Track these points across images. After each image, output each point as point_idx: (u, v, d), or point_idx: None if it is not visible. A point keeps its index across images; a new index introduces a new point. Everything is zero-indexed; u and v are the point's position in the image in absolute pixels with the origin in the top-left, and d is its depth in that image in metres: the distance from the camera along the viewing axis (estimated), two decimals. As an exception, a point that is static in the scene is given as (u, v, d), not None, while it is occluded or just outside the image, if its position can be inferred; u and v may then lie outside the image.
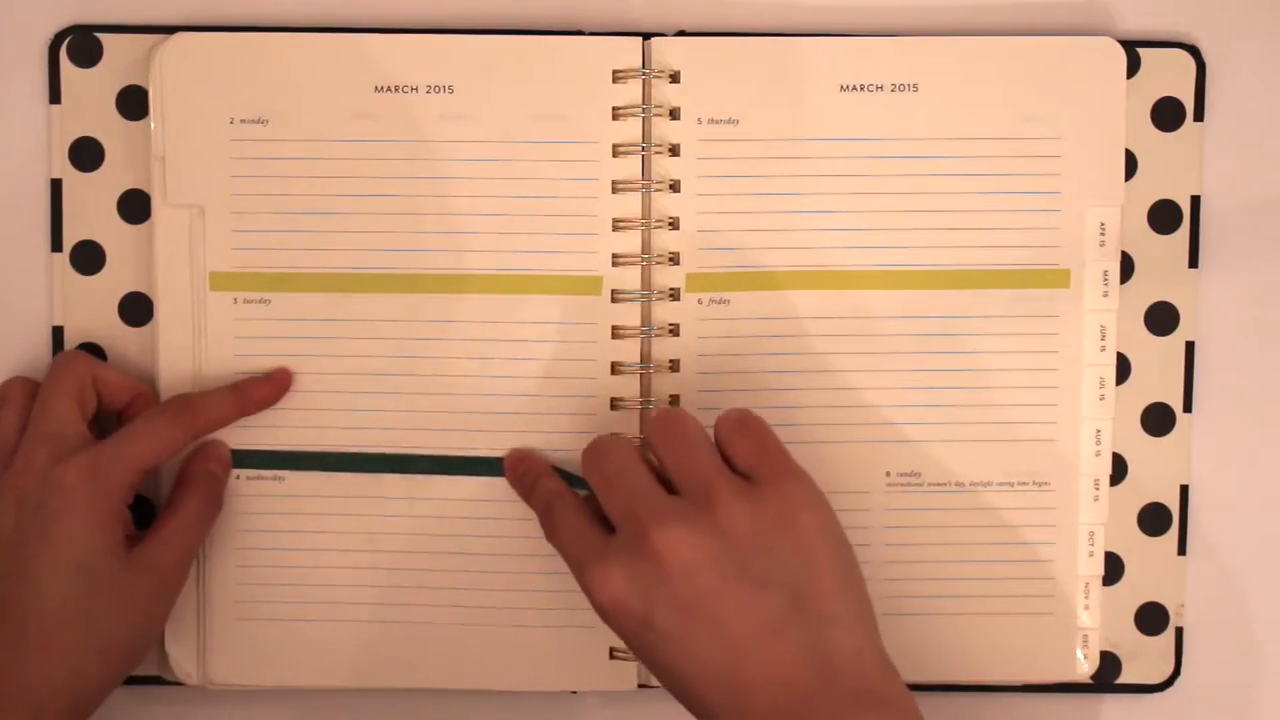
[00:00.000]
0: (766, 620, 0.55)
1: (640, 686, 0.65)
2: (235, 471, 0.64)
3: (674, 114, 0.64)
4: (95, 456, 0.60)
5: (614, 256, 0.64)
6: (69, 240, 0.65)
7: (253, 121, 0.63)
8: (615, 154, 0.63)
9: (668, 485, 0.58)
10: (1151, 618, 0.66)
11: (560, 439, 0.64)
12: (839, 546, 0.57)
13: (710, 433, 0.59)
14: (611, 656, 0.65)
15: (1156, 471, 0.66)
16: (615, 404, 0.64)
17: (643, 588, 0.55)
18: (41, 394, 0.62)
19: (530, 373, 0.64)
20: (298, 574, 0.65)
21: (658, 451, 0.59)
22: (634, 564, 0.56)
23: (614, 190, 0.63)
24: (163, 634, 0.64)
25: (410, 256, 0.64)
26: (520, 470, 0.64)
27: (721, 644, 0.55)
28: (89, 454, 0.60)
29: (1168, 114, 0.65)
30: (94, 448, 0.60)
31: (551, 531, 0.60)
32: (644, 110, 0.63)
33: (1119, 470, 0.65)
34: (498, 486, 0.64)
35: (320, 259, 0.64)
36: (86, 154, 0.64)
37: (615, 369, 0.64)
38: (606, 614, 0.57)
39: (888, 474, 0.65)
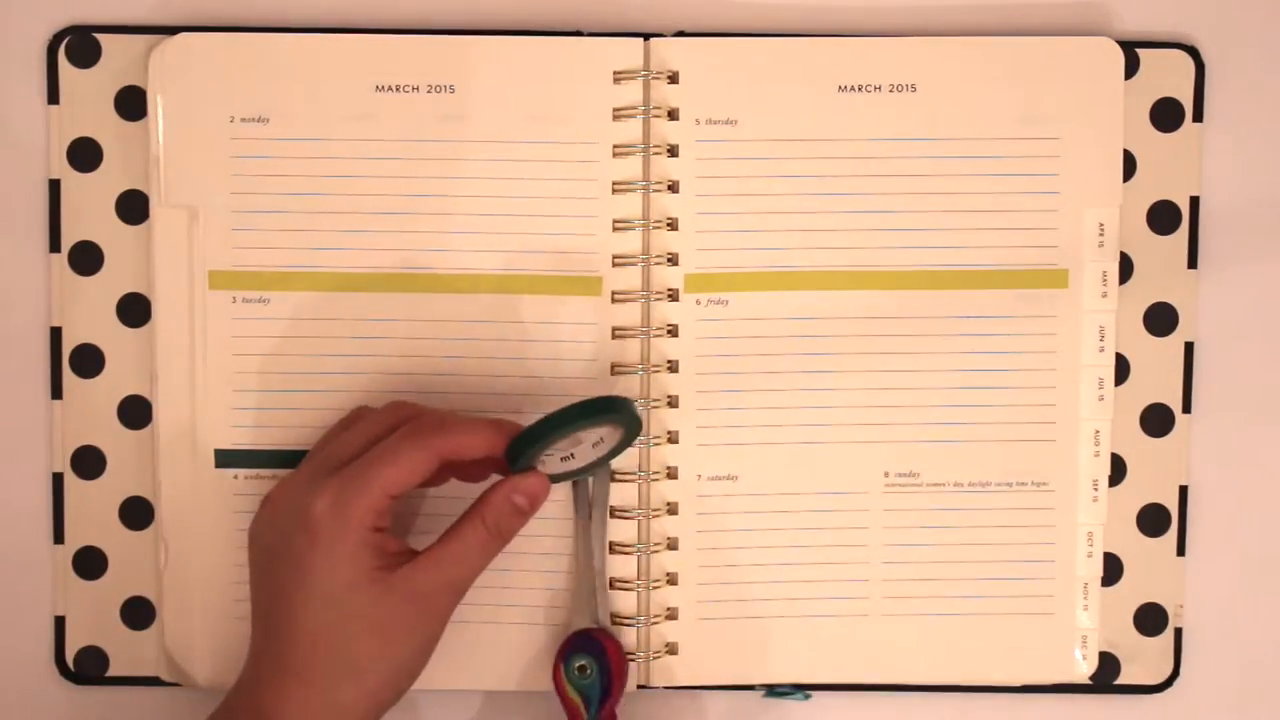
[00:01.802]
0: None
1: (640, 687, 0.65)
2: (233, 471, 0.64)
3: (673, 114, 0.64)
4: (340, 485, 0.57)
5: (614, 257, 0.64)
6: (67, 241, 0.65)
7: (253, 120, 0.63)
8: (616, 154, 0.63)
9: None
10: (1150, 618, 0.66)
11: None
12: None
13: None
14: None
15: (1155, 472, 0.66)
16: (616, 404, 0.64)
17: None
18: (375, 455, 0.59)
19: (530, 372, 0.64)
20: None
21: None
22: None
23: (614, 191, 0.63)
24: (163, 634, 0.65)
25: (410, 256, 0.64)
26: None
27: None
28: (334, 481, 0.57)
29: (1167, 115, 0.65)
30: (339, 474, 0.57)
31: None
32: (644, 111, 0.63)
33: (1118, 471, 0.66)
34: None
35: (319, 258, 0.64)
36: (85, 154, 0.64)
37: (615, 369, 0.64)
38: None
39: (886, 474, 0.65)
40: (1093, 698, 0.66)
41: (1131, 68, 0.64)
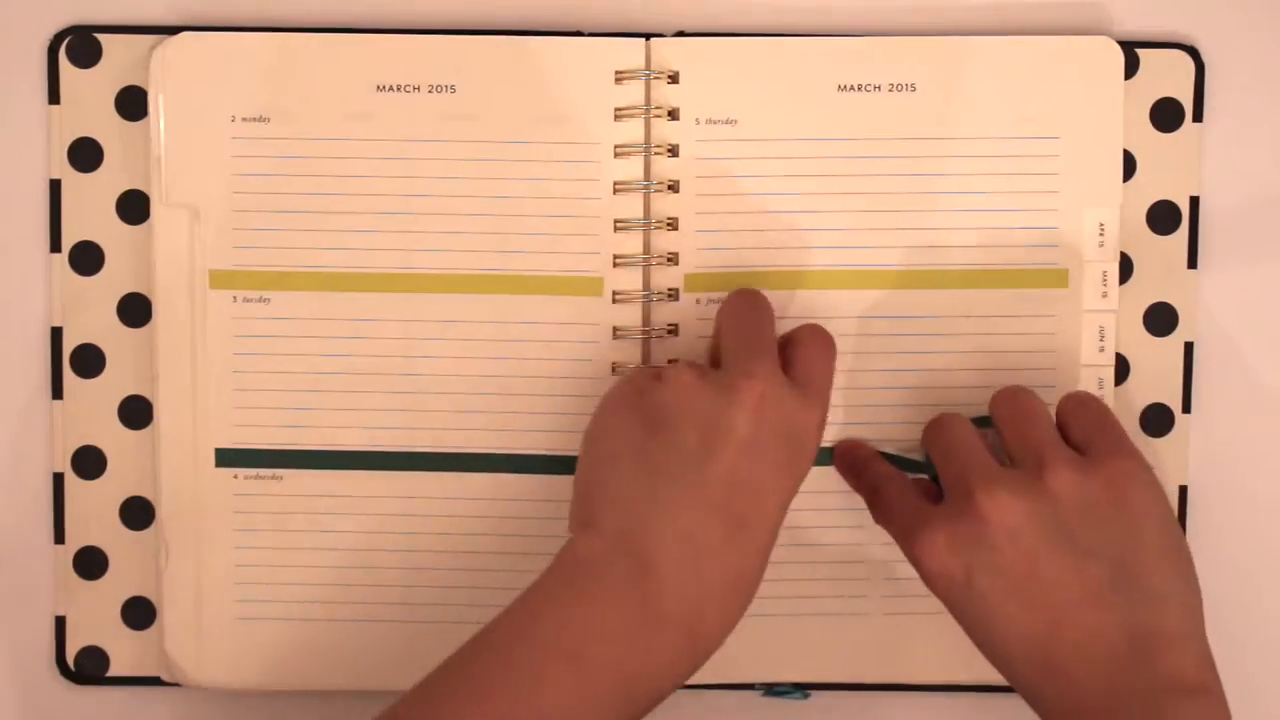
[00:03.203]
0: (1086, 590, 0.56)
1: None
2: (233, 471, 0.64)
3: (673, 114, 0.64)
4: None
5: (615, 257, 0.64)
6: (68, 241, 0.65)
7: (254, 120, 0.63)
8: (617, 155, 0.63)
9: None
10: (1150, 618, 0.66)
11: (561, 439, 0.64)
12: (1169, 529, 0.57)
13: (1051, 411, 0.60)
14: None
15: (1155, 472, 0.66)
16: (616, 404, 0.64)
17: (965, 549, 0.56)
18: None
19: (531, 372, 0.64)
20: (297, 573, 0.65)
21: (1000, 426, 0.60)
22: (958, 526, 0.57)
23: (615, 191, 0.63)
24: (162, 634, 0.65)
25: (411, 256, 0.64)
26: (850, 458, 0.64)
27: (1038, 609, 0.56)
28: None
29: (1166, 114, 0.65)
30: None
31: (879, 509, 0.62)
32: (645, 111, 0.63)
33: (1118, 470, 0.66)
34: (498, 484, 0.64)
35: (320, 258, 0.64)
36: (85, 154, 0.64)
37: (616, 369, 0.64)
38: (930, 577, 0.58)
39: (887, 474, 0.65)
40: (1093, 697, 0.66)
41: (1131, 68, 0.64)
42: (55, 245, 0.65)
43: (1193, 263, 0.66)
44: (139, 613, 0.65)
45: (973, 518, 0.56)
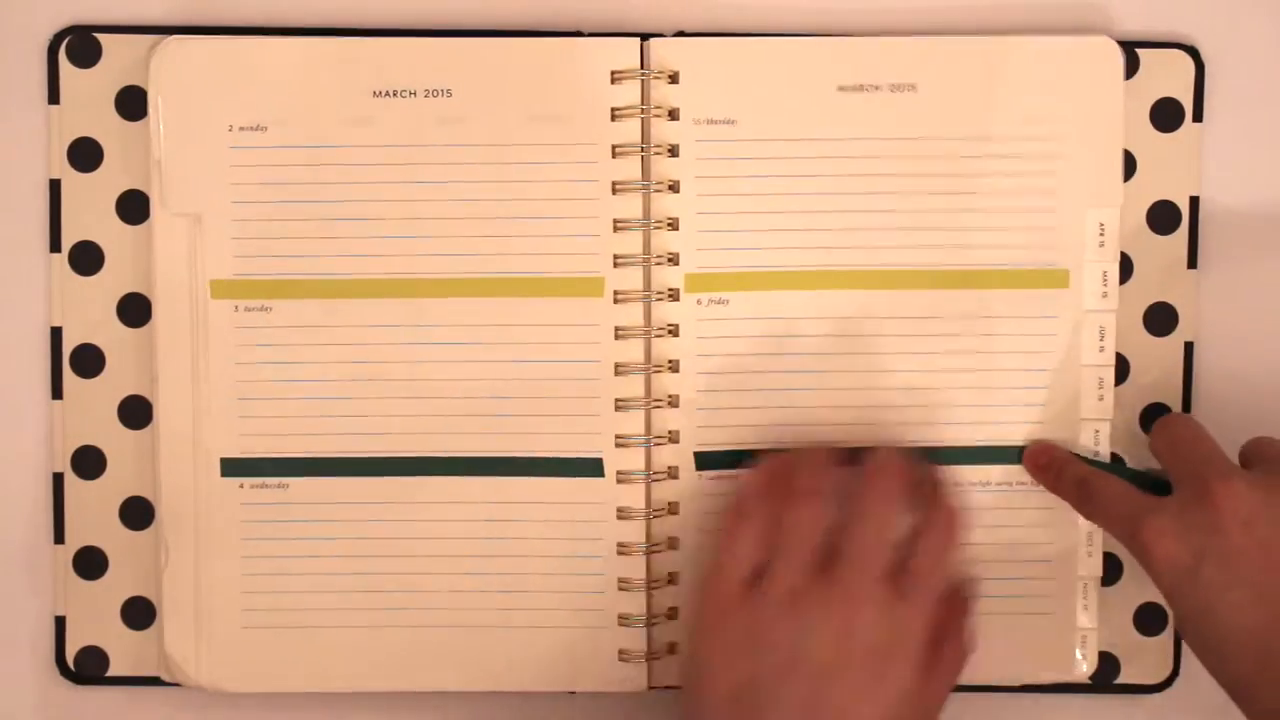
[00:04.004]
0: None
1: (650, 688, 0.65)
2: (239, 480, 0.64)
3: (673, 115, 0.64)
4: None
5: (615, 257, 0.64)
6: (67, 241, 0.65)
7: (251, 129, 0.63)
8: (615, 155, 0.63)
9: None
10: (1150, 618, 0.66)
11: (566, 440, 0.64)
12: None
13: None
14: (620, 658, 0.65)
15: (1155, 472, 0.66)
16: (620, 405, 0.64)
17: (1197, 536, 0.57)
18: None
19: (533, 375, 0.64)
20: (302, 580, 0.65)
21: (1168, 450, 0.62)
22: (1190, 514, 0.58)
23: (614, 191, 0.63)
24: (162, 634, 0.65)
25: (411, 261, 0.64)
26: (1045, 460, 0.64)
27: (1265, 598, 0.56)
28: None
29: (1166, 115, 0.65)
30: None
31: (1092, 505, 0.62)
32: (643, 111, 0.63)
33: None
34: (503, 488, 0.64)
35: (321, 265, 0.64)
36: (85, 154, 0.64)
37: (619, 370, 0.64)
38: (1156, 562, 0.58)
39: (887, 474, 0.65)
40: (1092, 698, 0.67)
41: (1131, 68, 0.64)
42: (55, 245, 0.65)
43: (1193, 263, 0.66)
44: (139, 613, 0.65)
45: (1207, 505, 0.57)
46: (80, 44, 0.64)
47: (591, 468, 0.64)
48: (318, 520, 0.64)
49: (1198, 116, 0.65)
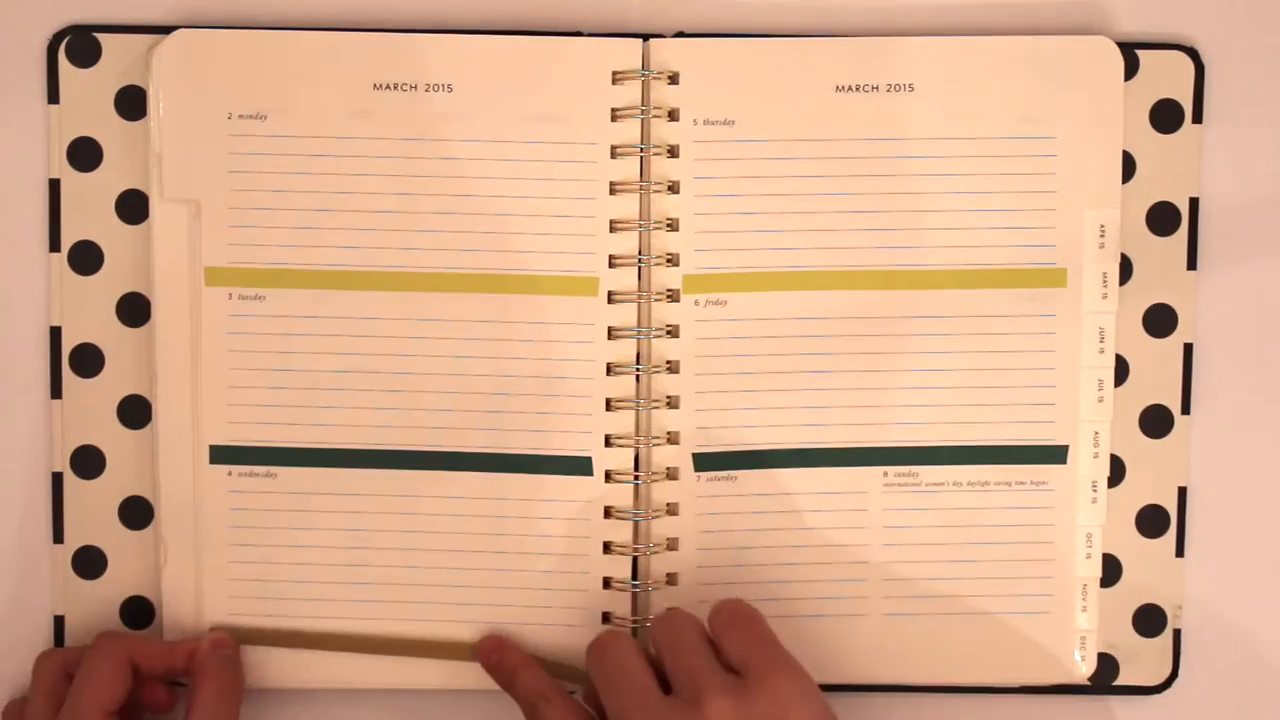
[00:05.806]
0: None
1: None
2: (227, 468, 0.64)
3: (673, 115, 0.64)
4: None
5: (610, 258, 0.64)
6: (67, 240, 0.65)
7: (251, 117, 0.63)
8: (614, 155, 0.63)
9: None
10: (1149, 619, 0.66)
11: (555, 438, 0.64)
12: None
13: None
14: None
15: (1154, 473, 0.66)
16: (611, 405, 0.64)
17: None
18: (75, 683, 0.62)
19: (525, 372, 0.64)
20: (290, 570, 0.65)
21: (660, 654, 0.59)
22: None
23: (611, 191, 0.63)
24: (162, 635, 0.65)
25: (406, 254, 0.64)
26: (495, 660, 0.64)
27: None
28: None
29: (1166, 116, 0.65)
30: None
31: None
32: (643, 112, 0.63)
33: (1117, 472, 0.65)
34: (492, 483, 0.64)
35: (316, 256, 0.64)
36: (85, 154, 0.64)
37: (611, 370, 0.64)
38: None
39: (885, 474, 0.65)
40: (1091, 699, 0.66)
41: (1131, 68, 0.64)
42: (54, 245, 0.65)
43: (1192, 264, 0.65)
44: (138, 612, 0.65)
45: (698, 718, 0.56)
46: (80, 44, 0.64)
47: (580, 466, 0.64)
48: (304, 510, 0.64)
49: (1197, 118, 0.65)
